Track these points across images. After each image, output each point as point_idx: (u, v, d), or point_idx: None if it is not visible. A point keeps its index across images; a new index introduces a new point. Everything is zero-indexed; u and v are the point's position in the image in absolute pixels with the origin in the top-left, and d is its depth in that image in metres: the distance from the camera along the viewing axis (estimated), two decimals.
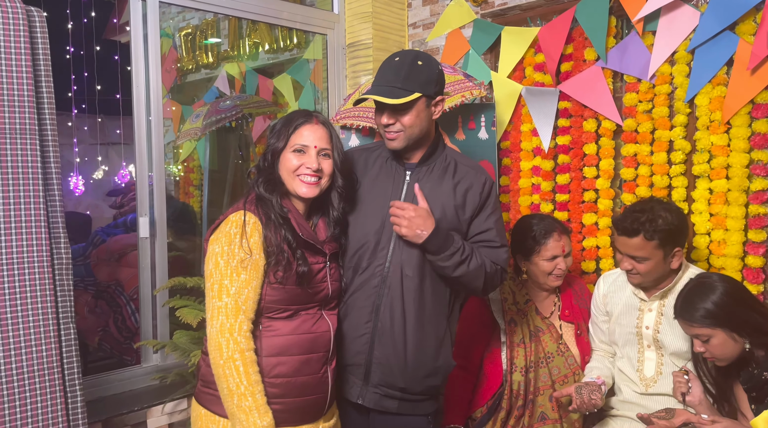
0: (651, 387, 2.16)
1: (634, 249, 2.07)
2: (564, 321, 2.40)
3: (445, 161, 1.95)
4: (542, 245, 2.33)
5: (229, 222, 1.70)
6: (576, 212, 2.90)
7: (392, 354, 1.88)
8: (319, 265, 1.78)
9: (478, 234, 1.92)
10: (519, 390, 2.28)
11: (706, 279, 1.90)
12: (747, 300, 1.84)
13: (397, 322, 1.88)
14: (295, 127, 1.76)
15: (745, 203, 2.44)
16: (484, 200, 1.93)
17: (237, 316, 1.63)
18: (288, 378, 1.70)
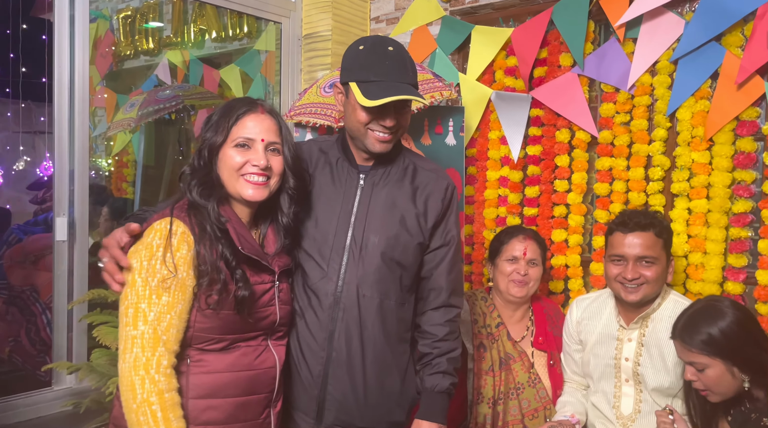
0: (628, 426, 1.97)
1: (645, 248, 1.89)
2: (537, 349, 2.19)
3: (404, 163, 1.72)
4: (505, 244, 2.18)
5: (153, 232, 1.40)
6: (545, 228, 2.71)
7: (349, 388, 1.62)
8: (264, 286, 1.50)
9: (437, 248, 1.71)
10: (485, 424, 2.05)
11: (717, 302, 1.72)
12: (757, 335, 1.67)
13: (354, 351, 1.62)
14: (237, 118, 1.48)
15: (726, 225, 2.30)
16: (446, 207, 1.72)
17: (155, 349, 1.33)
18: (220, 425, 1.41)
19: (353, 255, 1.63)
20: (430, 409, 1.70)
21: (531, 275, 2.15)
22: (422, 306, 1.73)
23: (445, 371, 1.70)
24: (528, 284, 2.15)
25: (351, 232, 1.64)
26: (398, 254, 1.66)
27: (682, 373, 1.88)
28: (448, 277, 1.72)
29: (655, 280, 1.91)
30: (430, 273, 1.72)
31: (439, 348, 1.70)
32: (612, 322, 2.05)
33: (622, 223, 1.92)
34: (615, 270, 1.93)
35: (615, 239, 1.93)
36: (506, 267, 2.16)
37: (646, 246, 1.88)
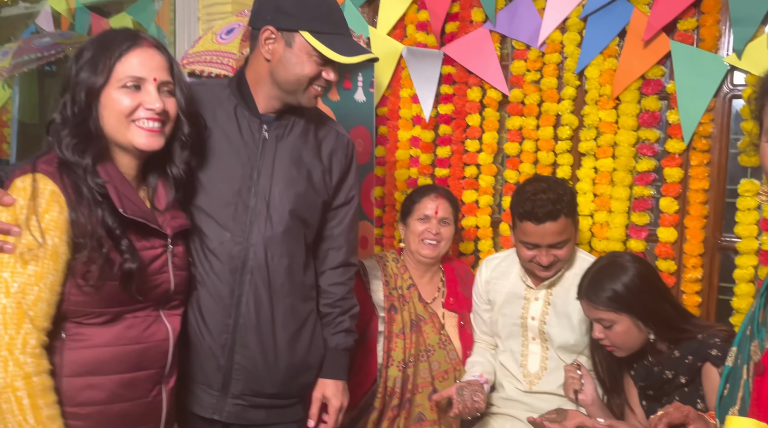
0: (535, 384, 1.97)
1: (557, 235, 1.84)
2: (447, 310, 2.15)
3: (306, 115, 1.60)
4: (416, 203, 2.11)
5: (14, 191, 1.20)
6: (456, 188, 2.66)
7: (259, 355, 1.52)
8: (155, 251, 1.34)
9: (339, 207, 1.64)
10: (395, 387, 1.99)
11: (618, 258, 1.72)
12: (660, 288, 1.68)
13: (264, 316, 1.52)
14: (121, 53, 1.27)
15: (630, 184, 2.33)
16: (349, 163, 1.65)
17: (20, 326, 1.15)
18: (101, 406, 1.26)
19: (260, 214, 1.50)
20: (335, 368, 1.64)
21: (443, 234, 2.09)
22: (321, 265, 1.65)
23: (348, 329, 1.66)
24: (439, 244, 2.09)
25: (256, 190, 1.51)
26: (306, 212, 1.56)
27: (587, 330, 1.89)
28: (349, 236, 1.66)
29: (567, 256, 1.90)
30: (331, 232, 1.64)
31: (341, 306, 1.64)
32: (519, 282, 2.03)
33: (532, 214, 1.82)
34: (528, 254, 1.89)
35: (526, 228, 1.85)
36: (417, 226, 2.09)
37: (558, 232, 1.84)
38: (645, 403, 1.74)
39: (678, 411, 1.16)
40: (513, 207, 1.92)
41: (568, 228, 1.87)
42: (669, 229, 2.26)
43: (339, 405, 1.63)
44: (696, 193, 2.21)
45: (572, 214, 1.88)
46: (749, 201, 2.12)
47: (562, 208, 1.82)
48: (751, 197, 2.11)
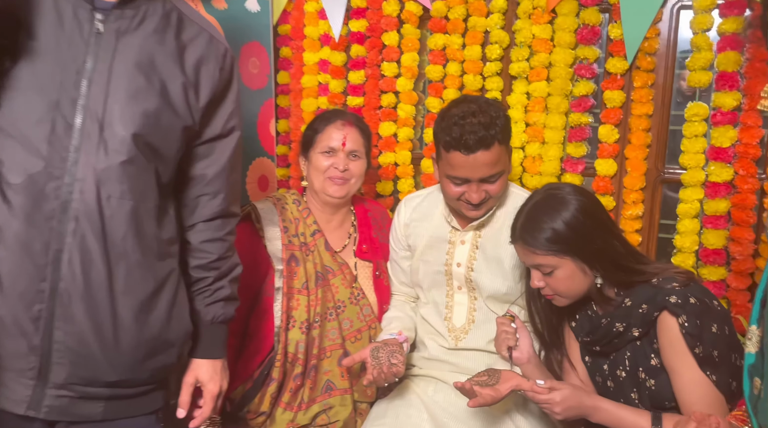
0: (461, 340, 1.70)
1: (490, 166, 1.53)
2: (360, 260, 1.82)
3: (164, 7, 1.19)
4: (319, 133, 1.75)
5: None
6: (372, 120, 2.30)
7: (90, 331, 1.14)
8: None
9: (213, 139, 1.26)
10: (297, 353, 1.67)
11: (557, 191, 1.43)
12: (607, 222, 1.41)
13: (96, 278, 1.13)
14: None
15: (566, 111, 2.05)
16: (227, 80, 1.26)
17: None
18: None
19: (89, 137, 1.11)
20: (211, 345, 1.30)
21: (352, 170, 1.75)
22: (190, 216, 1.28)
23: (228, 297, 1.32)
24: (348, 181, 1.75)
25: (85, 103, 1.10)
26: (158, 139, 1.17)
27: (521, 277, 1.62)
28: (228, 179, 1.29)
29: (501, 192, 1.61)
30: (202, 173, 1.27)
31: (218, 269, 1.29)
32: (443, 224, 1.73)
33: (461, 142, 1.50)
34: (455, 190, 1.58)
35: (454, 159, 1.53)
36: (321, 161, 1.73)
37: (492, 163, 1.53)
38: (588, 359, 1.50)
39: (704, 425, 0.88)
40: (437, 134, 1.59)
41: (503, 158, 1.56)
42: (608, 161, 2.01)
43: (217, 390, 1.30)
44: (638, 119, 1.96)
45: (506, 140, 1.57)
46: (697, 126, 1.88)
47: (496, 133, 1.51)
48: (699, 122, 1.88)
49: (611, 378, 1.42)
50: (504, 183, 1.61)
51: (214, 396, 1.30)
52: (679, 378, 1.29)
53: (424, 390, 1.69)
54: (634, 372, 1.37)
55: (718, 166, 1.87)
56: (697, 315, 1.27)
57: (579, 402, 1.33)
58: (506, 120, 1.57)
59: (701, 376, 1.27)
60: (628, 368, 1.38)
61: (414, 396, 1.68)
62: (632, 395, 1.37)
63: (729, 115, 1.85)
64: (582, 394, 1.33)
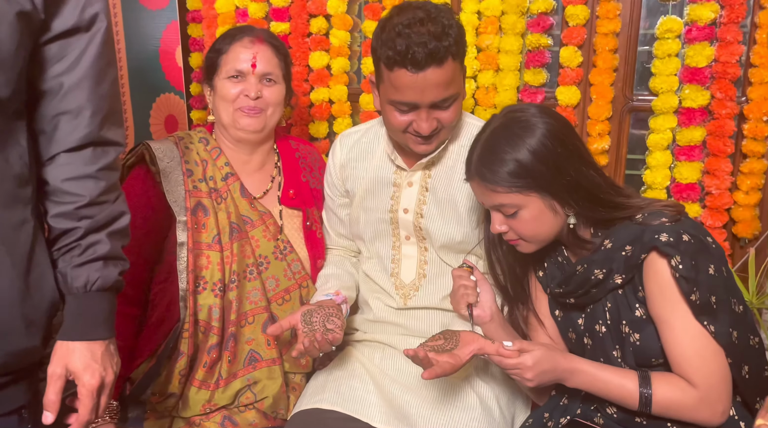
0: (411, 297, 1.44)
1: (443, 87, 1.24)
2: (286, 207, 1.53)
3: None
4: (224, 54, 1.43)
5: None
6: (300, 50, 1.99)
7: None
8: None
9: (65, 33, 0.93)
10: (210, 320, 1.38)
11: (519, 113, 1.16)
12: (580, 148, 1.16)
13: None
14: None
15: (522, 31, 1.78)
16: None
17: None
18: None
19: None
20: (84, 322, 0.99)
21: (267, 98, 1.44)
22: (48, 145, 0.96)
23: (106, 256, 0.99)
24: (264, 112, 1.44)
25: None
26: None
27: (479, 221, 1.37)
28: (96, 90, 0.95)
29: (455, 120, 1.33)
30: (57, 82, 0.94)
31: (91, 217, 0.97)
32: (386, 164, 1.46)
33: (407, 57, 1.20)
34: (402, 120, 1.29)
35: (399, 79, 1.24)
36: (228, 87, 1.42)
37: (445, 83, 1.24)
38: (559, 313, 1.27)
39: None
40: (377, 50, 1.29)
41: (457, 77, 1.28)
42: (570, 89, 1.77)
43: (96, 382, 0.97)
44: (604, 39, 1.72)
45: (461, 55, 1.29)
46: (670, 44, 1.65)
47: (449, 44, 1.22)
48: (673, 40, 1.65)
49: (588, 335, 1.19)
50: (458, 110, 1.34)
51: (92, 392, 0.97)
52: (670, 331, 1.07)
53: (369, 358, 1.43)
54: (615, 327, 1.14)
55: (694, 88, 1.65)
56: (692, 255, 1.04)
57: (554, 364, 1.09)
58: (460, 30, 1.28)
59: (697, 327, 1.05)
60: (609, 322, 1.15)
61: (358, 365, 1.42)
62: (614, 353, 1.15)
63: (706, 30, 1.62)
64: (557, 355, 1.10)
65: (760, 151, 1.65)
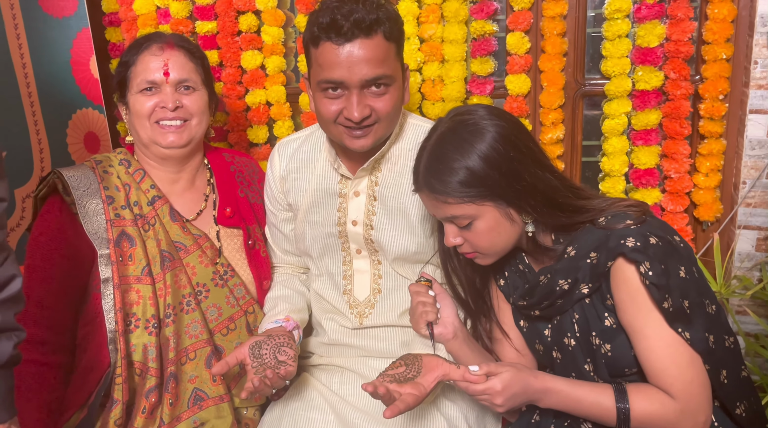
0: (367, 316, 1.34)
1: (373, 64, 1.14)
2: (224, 227, 1.40)
3: None
4: (131, 67, 1.30)
5: None
6: (230, 50, 1.84)
7: None
8: None
9: None
10: (147, 361, 1.25)
11: (467, 115, 1.06)
12: (534, 150, 1.06)
13: None
14: None
15: (466, 18, 1.68)
16: None
17: None
18: None
19: None
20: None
21: (188, 107, 1.31)
22: None
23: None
24: (188, 123, 1.31)
25: None
26: None
27: (433, 229, 1.27)
28: None
29: (392, 111, 1.21)
30: None
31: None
32: (330, 172, 1.34)
33: (332, 27, 1.11)
34: (333, 108, 1.18)
35: (325, 55, 1.14)
36: (142, 102, 1.28)
37: (376, 60, 1.14)
38: (524, 323, 1.18)
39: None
40: (306, 32, 1.19)
41: (390, 59, 1.18)
42: (520, 77, 1.68)
43: None
44: (552, 22, 1.63)
45: (396, 39, 1.19)
46: (620, 24, 1.57)
47: (379, 19, 1.13)
48: (622, 20, 1.57)
49: (557, 348, 1.11)
50: (394, 100, 1.22)
51: None
52: (643, 340, 1.00)
53: (327, 385, 1.33)
54: (585, 339, 1.06)
55: (646, 70, 1.58)
56: (662, 258, 0.97)
57: (524, 386, 1.01)
58: (395, 13, 1.19)
59: (671, 335, 0.98)
60: (578, 334, 1.07)
61: (315, 394, 1.31)
62: (585, 367, 1.07)
63: (655, 8, 1.55)
64: (527, 376, 1.01)
65: (718, 131, 1.60)
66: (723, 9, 1.52)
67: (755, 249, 1.62)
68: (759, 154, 1.58)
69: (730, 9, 1.53)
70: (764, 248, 1.61)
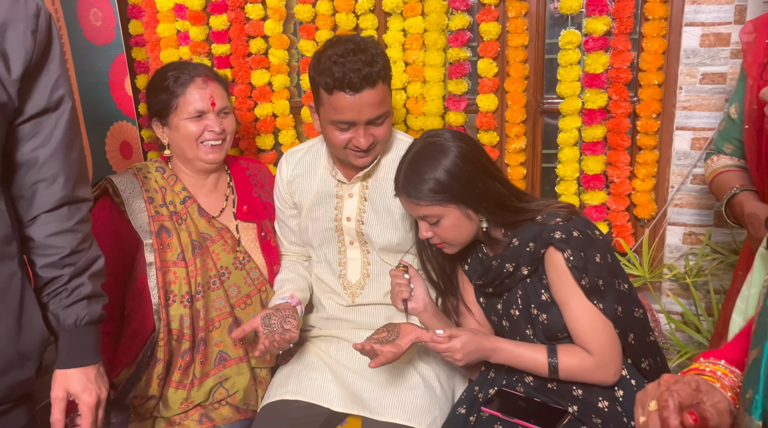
0: (358, 296, 1.65)
1: (376, 106, 1.43)
2: (241, 222, 1.70)
3: None
4: (179, 97, 1.57)
5: None
6: (242, 69, 2.14)
7: None
8: None
9: (37, 115, 1.07)
10: (182, 328, 1.55)
11: (435, 138, 1.37)
12: (485, 165, 1.37)
13: None
14: None
15: (444, 47, 1.98)
16: (44, 44, 1.06)
17: None
18: None
19: None
20: (79, 352, 1.16)
21: (227, 129, 1.61)
22: (28, 208, 1.10)
23: (90, 295, 1.16)
24: (225, 142, 1.62)
25: None
26: None
27: (411, 225, 1.58)
28: (67, 159, 1.11)
29: (387, 135, 1.53)
30: (33, 156, 1.09)
31: (73, 264, 1.13)
32: (328, 178, 1.64)
33: (345, 82, 1.39)
34: (342, 138, 1.47)
35: (339, 101, 1.42)
36: (190, 127, 1.57)
37: (379, 102, 1.44)
38: (483, 300, 1.50)
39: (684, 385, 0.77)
40: (315, 78, 1.46)
41: (387, 98, 1.48)
42: (489, 96, 1.99)
43: (94, 400, 1.16)
44: (515, 51, 1.93)
45: (389, 79, 1.49)
46: (572, 54, 1.88)
47: (379, 70, 1.42)
48: (573, 50, 1.88)
49: (506, 318, 1.42)
50: (389, 126, 1.53)
51: (91, 408, 1.16)
52: (568, 310, 1.31)
53: (325, 351, 1.64)
54: (526, 310, 1.38)
55: (593, 92, 1.89)
56: (581, 247, 1.28)
57: (478, 345, 1.32)
58: (386, 58, 1.48)
59: (589, 306, 1.29)
60: (521, 306, 1.38)
61: (316, 358, 1.62)
62: (527, 331, 1.38)
63: (600, 41, 1.86)
64: (481, 338, 1.33)
65: (652, 143, 1.91)
66: (655, 43, 1.83)
67: (682, 242, 1.94)
68: (684, 163, 1.89)
69: (661, 43, 1.84)
70: (689, 241, 1.93)
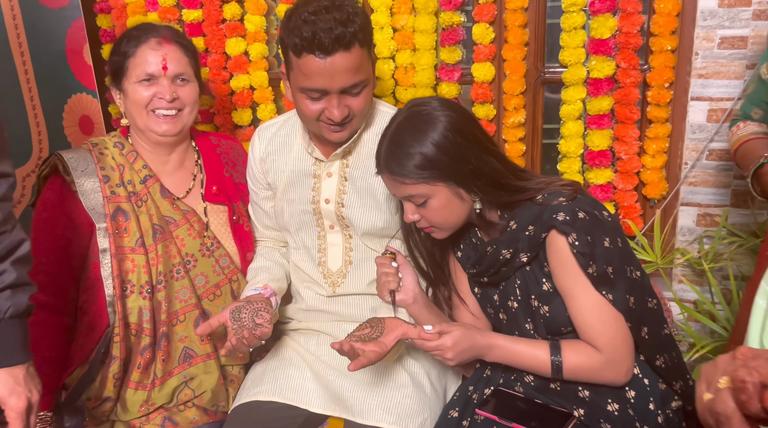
0: (339, 285, 1.48)
1: (352, 73, 1.25)
2: (210, 204, 1.53)
3: None
4: (130, 58, 1.40)
5: None
6: (215, 37, 1.96)
7: None
8: None
9: None
10: (141, 322, 1.39)
11: (421, 107, 1.20)
12: (480, 137, 1.20)
13: None
14: None
15: (435, 10, 1.80)
16: None
17: None
18: None
19: None
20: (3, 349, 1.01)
21: (183, 98, 1.43)
22: None
23: (14, 284, 1.00)
24: (181, 113, 1.44)
25: None
26: None
27: (397, 207, 1.42)
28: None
29: (365, 108, 1.34)
30: None
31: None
32: (304, 155, 1.47)
33: (315, 42, 1.21)
34: (313, 108, 1.30)
35: (308, 65, 1.24)
36: (140, 91, 1.40)
37: (354, 68, 1.25)
38: (478, 290, 1.34)
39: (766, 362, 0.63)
40: (284, 39, 1.28)
41: (365, 64, 1.30)
42: (485, 65, 1.81)
43: (23, 404, 1.01)
44: (513, 14, 1.76)
45: (368, 43, 1.30)
46: (576, 17, 1.70)
47: (355, 31, 1.23)
48: (578, 12, 1.70)
49: (503, 310, 1.27)
50: (368, 97, 1.36)
51: (20, 414, 1.00)
52: (574, 302, 1.15)
53: (305, 346, 1.48)
54: (526, 301, 1.22)
55: (599, 59, 1.72)
56: (588, 230, 1.12)
57: (472, 342, 1.16)
58: (365, 18, 1.30)
59: (597, 296, 1.13)
60: (520, 297, 1.22)
61: (294, 354, 1.47)
62: (527, 326, 1.23)
63: (607, 2, 1.68)
64: (474, 333, 1.17)
65: (663, 116, 1.74)
66: (668, 4, 1.66)
67: (696, 224, 1.78)
68: (699, 137, 1.72)
69: (675, 4, 1.66)
70: (704, 223, 1.77)
